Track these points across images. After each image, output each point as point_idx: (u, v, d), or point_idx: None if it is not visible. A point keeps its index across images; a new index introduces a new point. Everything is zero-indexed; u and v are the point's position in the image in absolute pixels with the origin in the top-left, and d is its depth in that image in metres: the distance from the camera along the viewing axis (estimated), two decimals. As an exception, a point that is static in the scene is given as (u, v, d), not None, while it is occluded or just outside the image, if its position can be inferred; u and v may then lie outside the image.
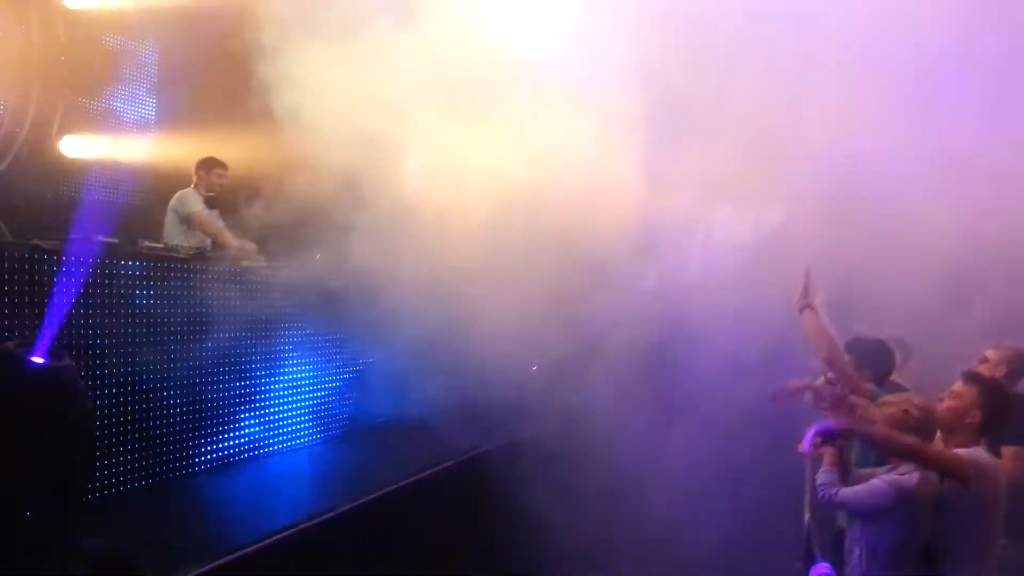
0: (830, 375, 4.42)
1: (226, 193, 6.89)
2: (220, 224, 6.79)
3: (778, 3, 6.50)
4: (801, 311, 4.58)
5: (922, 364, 5.86)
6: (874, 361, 4.76)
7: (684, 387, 7.02)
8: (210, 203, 6.76)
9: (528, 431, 5.96)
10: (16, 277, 3.87)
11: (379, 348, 6.69)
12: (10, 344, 2.84)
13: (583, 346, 7.02)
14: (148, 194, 7.86)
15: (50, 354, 2.85)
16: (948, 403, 3.82)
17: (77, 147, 8.14)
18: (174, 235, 6.46)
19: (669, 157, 6.92)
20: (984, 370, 4.44)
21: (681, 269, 8.80)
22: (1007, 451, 4.18)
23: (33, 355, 2.77)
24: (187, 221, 6.56)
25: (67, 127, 7.98)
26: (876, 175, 6.55)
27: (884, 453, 3.96)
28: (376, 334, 6.63)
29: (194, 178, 6.85)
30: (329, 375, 6.10)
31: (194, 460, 4.90)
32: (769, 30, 6.75)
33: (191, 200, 6.67)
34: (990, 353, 4.83)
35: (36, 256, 4.02)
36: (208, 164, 6.81)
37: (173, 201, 6.70)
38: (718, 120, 6.81)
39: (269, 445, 5.48)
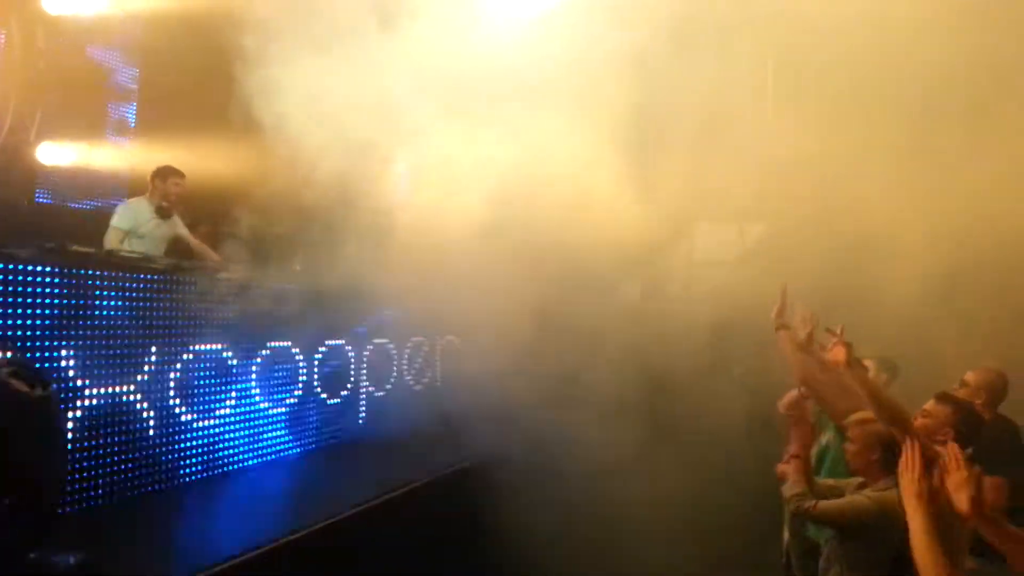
0: (803, 391, 4.43)
1: (207, 203, 6.83)
2: (182, 231, 6.76)
3: (770, 16, 6.54)
4: (777, 330, 4.58)
5: (911, 382, 5.87)
6: None
7: (666, 401, 7.03)
8: (161, 213, 6.66)
9: (511, 446, 5.89)
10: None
11: (362, 359, 6.65)
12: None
13: (566, 359, 7.01)
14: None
15: (32, 380, 2.77)
16: (920, 420, 3.80)
17: (54, 154, 8.04)
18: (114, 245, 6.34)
19: (656, 169, 6.95)
20: (964, 395, 4.42)
21: (665, 283, 8.84)
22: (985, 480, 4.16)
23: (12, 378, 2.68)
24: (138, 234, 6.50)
25: (45, 134, 7.87)
26: (863, 188, 6.59)
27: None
28: (360, 344, 6.61)
29: (149, 187, 6.76)
30: (308, 387, 6.02)
31: (171, 474, 4.80)
32: (760, 43, 6.82)
33: (139, 211, 6.60)
34: (969, 376, 4.81)
35: (12, 266, 3.92)
36: (164, 173, 6.72)
37: (118, 211, 6.61)
38: (705, 134, 6.86)
39: (246, 458, 5.39)
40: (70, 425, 4.07)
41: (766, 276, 6.76)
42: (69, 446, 4.01)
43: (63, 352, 4.09)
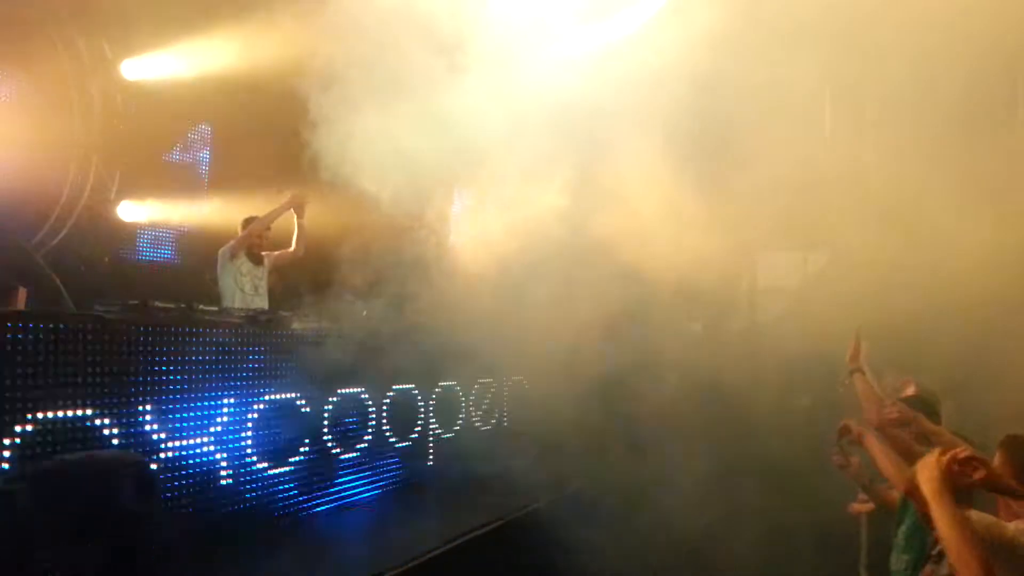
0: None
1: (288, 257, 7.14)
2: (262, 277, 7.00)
3: (828, 35, 6.50)
4: (852, 374, 4.53)
5: (960, 410, 5.76)
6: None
7: (732, 435, 6.97)
8: (254, 259, 6.93)
9: (579, 484, 5.94)
10: (80, 347, 4.01)
11: (433, 401, 6.80)
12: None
13: (631, 392, 7.04)
14: (199, 257, 8.08)
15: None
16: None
17: (133, 212, 8.47)
18: (227, 286, 6.69)
19: (717, 200, 6.96)
20: None
21: (728, 314, 8.80)
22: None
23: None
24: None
25: (124, 193, 8.32)
26: (921, 217, 6.50)
27: None
28: (429, 387, 6.74)
29: (239, 234, 7.03)
30: (378, 432, 6.17)
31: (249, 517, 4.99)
32: (820, 80, 6.78)
33: (238, 257, 6.88)
34: None
35: (99, 327, 4.15)
36: (249, 221, 7.00)
37: (220, 260, 6.87)
38: (765, 164, 6.85)
39: (320, 503, 5.55)
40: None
41: (831, 305, 6.73)
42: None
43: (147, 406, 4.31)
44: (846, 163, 6.86)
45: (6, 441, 3.61)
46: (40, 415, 3.75)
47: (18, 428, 3.66)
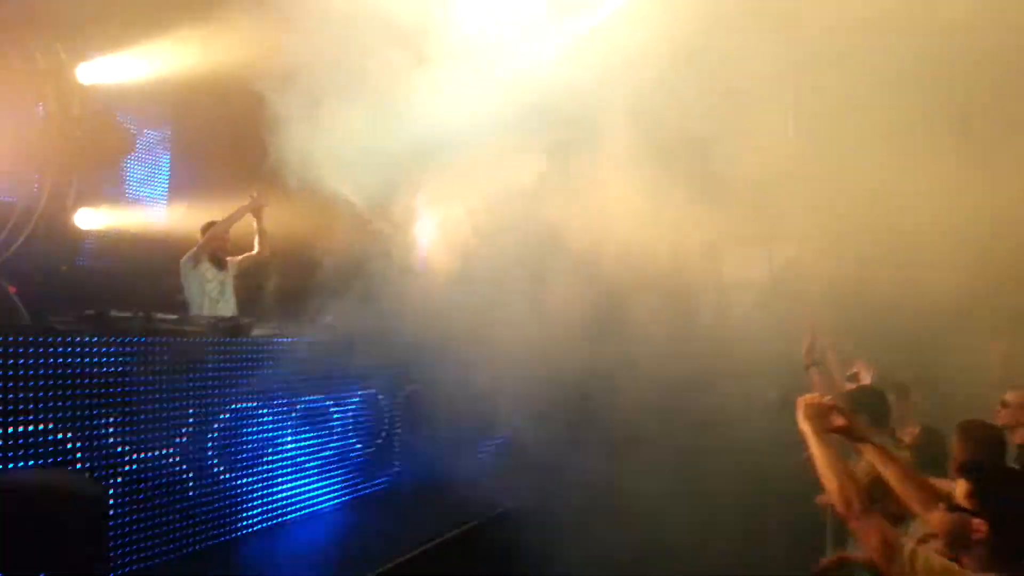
0: None
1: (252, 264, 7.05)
2: (226, 282, 6.93)
3: (788, 27, 6.53)
4: (807, 368, 4.57)
5: (929, 398, 5.82)
6: (870, 409, 4.69)
7: (704, 429, 7.00)
8: (218, 263, 6.88)
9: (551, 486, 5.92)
10: (34, 362, 3.90)
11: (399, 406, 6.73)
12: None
13: (601, 389, 7.04)
14: (159, 263, 7.94)
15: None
16: None
17: (91, 219, 8.32)
18: (193, 294, 6.67)
19: (682, 196, 6.97)
20: (1006, 416, 4.37)
21: (696, 309, 8.82)
22: None
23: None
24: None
25: (81, 200, 8.16)
26: (887, 209, 6.56)
27: None
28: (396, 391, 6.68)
29: (200, 241, 6.95)
30: (346, 438, 6.10)
31: (217, 531, 4.90)
32: (783, 75, 6.82)
33: (200, 263, 6.81)
34: (1010, 397, 4.73)
35: (52, 339, 4.05)
36: (209, 227, 6.92)
37: (184, 267, 6.81)
38: (733, 161, 6.87)
39: (285, 513, 5.47)
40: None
41: (796, 297, 6.77)
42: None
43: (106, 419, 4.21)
44: (809, 158, 6.90)
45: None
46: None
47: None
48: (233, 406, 5.04)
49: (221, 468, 4.94)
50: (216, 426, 4.91)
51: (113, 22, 7.90)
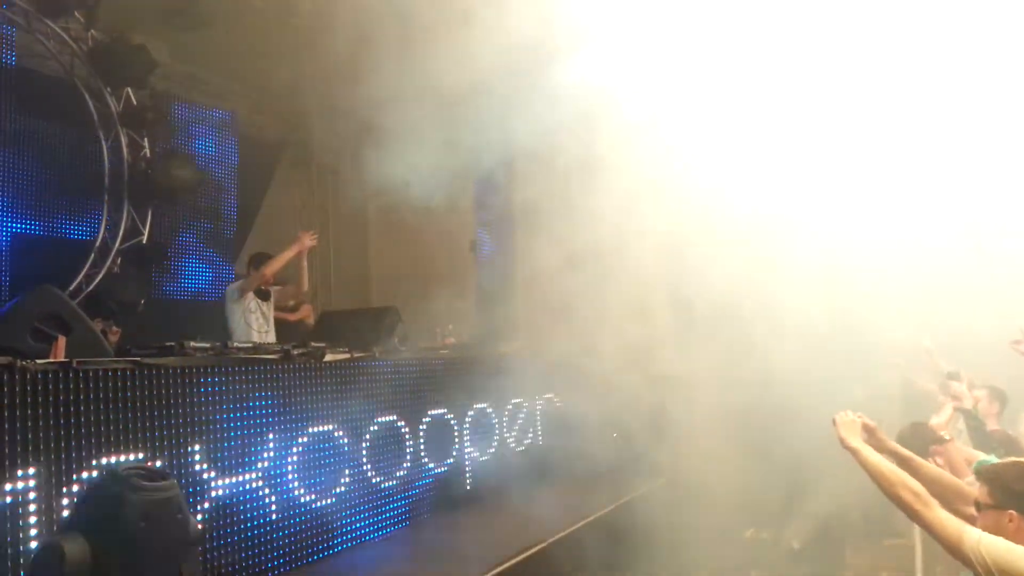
0: None
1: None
2: (268, 313, 7.20)
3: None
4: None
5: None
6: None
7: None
8: (262, 294, 7.14)
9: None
10: (117, 394, 4.06)
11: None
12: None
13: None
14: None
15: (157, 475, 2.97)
16: None
17: (166, 254, 8.65)
18: (237, 324, 6.91)
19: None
20: None
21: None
22: None
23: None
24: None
25: (156, 234, 8.52)
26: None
27: None
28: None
29: (247, 271, 7.31)
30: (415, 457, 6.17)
31: (310, 551, 5.03)
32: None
33: (246, 292, 7.05)
34: None
35: (134, 372, 4.20)
36: (259, 259, 7.18)
37: (229, 296, 7.10)
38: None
39: (367, 534, 5.56)
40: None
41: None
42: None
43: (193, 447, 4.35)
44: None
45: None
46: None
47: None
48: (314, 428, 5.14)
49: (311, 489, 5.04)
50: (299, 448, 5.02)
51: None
